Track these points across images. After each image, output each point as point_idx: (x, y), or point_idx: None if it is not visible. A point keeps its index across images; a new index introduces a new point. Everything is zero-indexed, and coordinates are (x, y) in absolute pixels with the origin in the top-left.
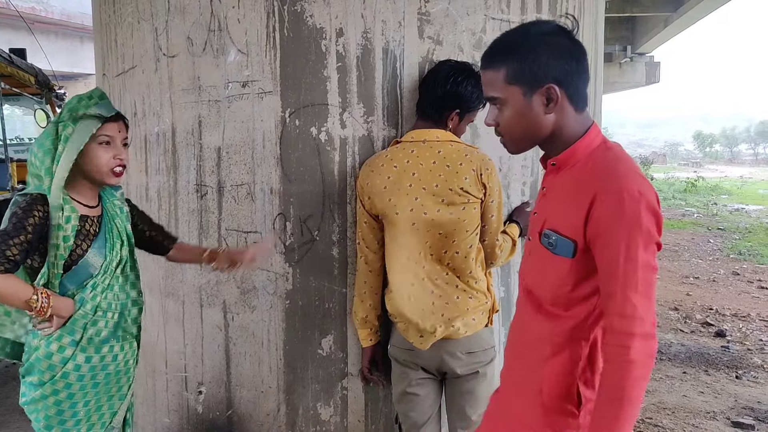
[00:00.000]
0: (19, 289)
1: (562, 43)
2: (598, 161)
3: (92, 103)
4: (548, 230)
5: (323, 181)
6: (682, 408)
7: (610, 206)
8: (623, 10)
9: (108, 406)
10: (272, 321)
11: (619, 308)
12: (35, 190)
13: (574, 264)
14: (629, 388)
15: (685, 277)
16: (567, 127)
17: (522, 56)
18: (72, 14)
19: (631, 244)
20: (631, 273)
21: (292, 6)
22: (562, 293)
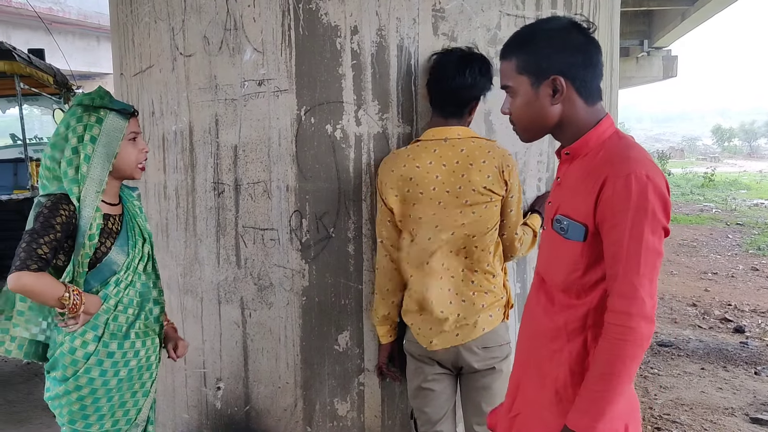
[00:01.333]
0: (51, 287)
1: (572, 38)
2: (610, 149)
3: (107, 101)
4: (560, 215)
5: (339, 179)
6: (700, 404)
7: (618, 189)
8: (640, 4)
9: (132, 402)
10: (289, 317)
11: (620, 288)
12: (58, 191)
13: (585, 248)
14: (620, 365)
15: (703, 272)
16: (576, 118)
17: (531, 48)
18: (89, 14)
19: (637, 227)
20: (634, 254)
21: (307, 4)
22: (574, 278)
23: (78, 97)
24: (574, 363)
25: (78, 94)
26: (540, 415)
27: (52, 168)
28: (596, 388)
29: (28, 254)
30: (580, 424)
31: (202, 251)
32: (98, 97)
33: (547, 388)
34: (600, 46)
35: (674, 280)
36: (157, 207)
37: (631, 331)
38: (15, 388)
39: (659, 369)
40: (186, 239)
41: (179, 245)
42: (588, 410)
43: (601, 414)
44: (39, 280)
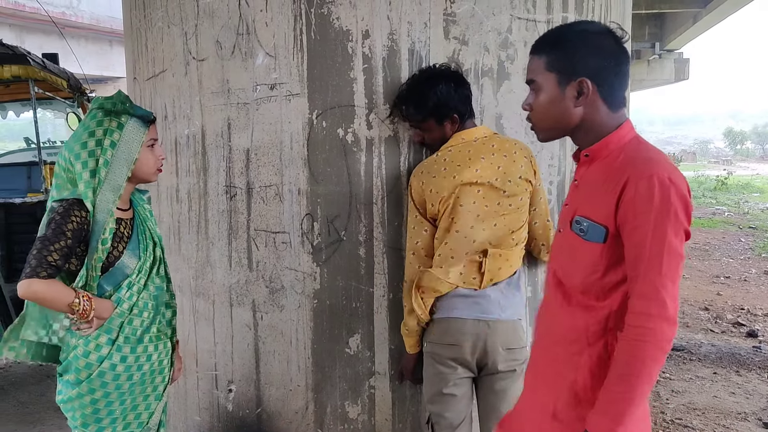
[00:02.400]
0: (61, 293)
1: (604, 43)
2: (630, 152)
3: (128, 107)
4: (579, 217)
5: (350, 182)
6: (712, 409)
7: (640, 191)
8: (651, 7)
9: (144, 405)
10: (300, 320)
11: (641, 289)
12: (71, 196)
13: (605, 249)
14: (640, 367)
15: (715, 276)
16: (597, 122)
17: (562, 47)
18: (101, 18)
19: (659, 228)
20: (656, 256)
21: (318, 9)
22: (593, 280)
23: (98, 101)
24: (594, 366)
25: (97, 98)
26: (552, 417)
27: (67, 170)
28: (616, 389)
29: (39, 261)
30: (600, 426)
31: (214, 254)
32: (119, 102)
33: (563, 390)
34: (629, 56)
35: (686, 284)
36: (170, 210)
37: (651, 332)
38: (27, 390)
39: (671, 373)
40: (198, 242)
41: (191, 248)
42: (607, 411)
43: (621, 416)
44: (49, 287)
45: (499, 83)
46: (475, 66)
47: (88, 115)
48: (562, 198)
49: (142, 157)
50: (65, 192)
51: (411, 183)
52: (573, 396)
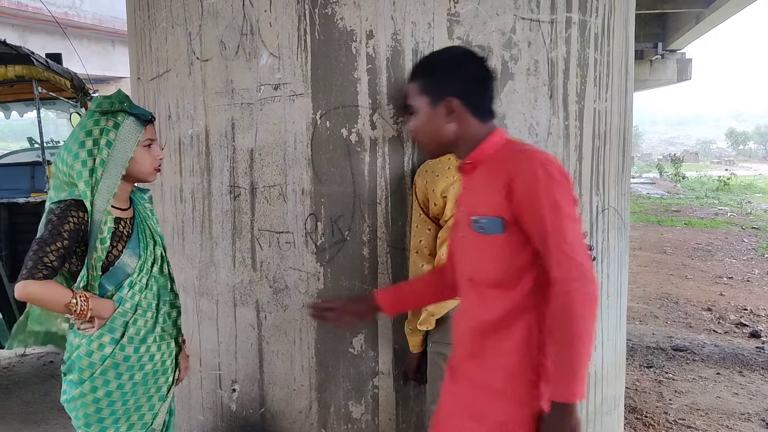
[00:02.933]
0: (58, 294)
1: (467, 65)
2: (506, 151)
3: (126, 106)
4: (476, 216)
5: (354, 182)
6: (715, 409)
7: (525, 176)
8: (654, 7)
9: (148, 406)
10: (304, 320)
11: (555, 259)
12: (69, 197)
13: (505, 238)
14: (575, 326)
15: (718, 277)
16: (470, 134)
17: (430, 72)
18: (104, 19)
19: (553, 202)
20: (559, 227)
21: (322, 9)
22: (503, 270)
23: (97, 100)
24: (521, 347)
25: (96, 97)
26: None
27: (64, 171)
28: (561, 355)
29: (35, 263)
30: (561, 394)
31: (217, 254)
32: (117, 101)
33: (497, 379)
34: (491, 73)
35: (689, 284)
36: (173, 210)
37: (576, 292)
38: (32, 389)
39: (674, 374)
40: (202, 242)
41: (195, 248)
42: (562, 379)
43: (574, 377)
44: (45, 288)
45: (503, 83)
46: None
47: (86, 115)
48: None
49: (137, 156)
50: (62, 193)
51: (415, 182)
52: (508, 378)
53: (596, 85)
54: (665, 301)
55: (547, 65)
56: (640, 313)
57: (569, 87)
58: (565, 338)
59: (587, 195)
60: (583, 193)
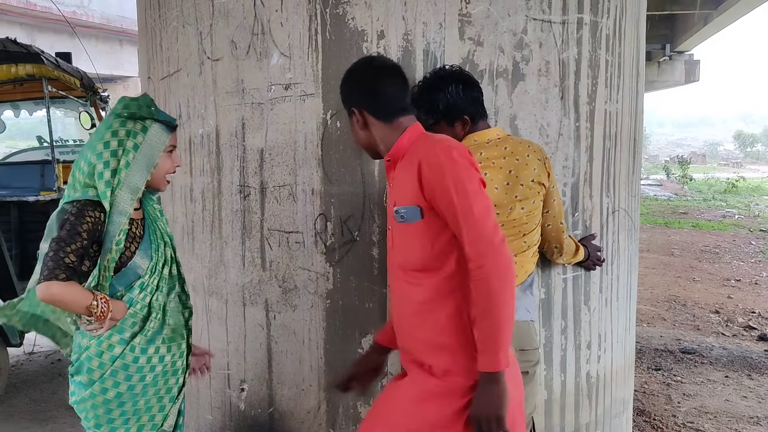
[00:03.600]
0: (79, 295)
1: (359, 75)
2: (417, 142)
3: (153, 111)
4: (397, 207)
5: (363, 182)
6: (724, 413)
7: (431, 162)
8: (662, 8)
9: (158, 407)
10: (313, 320)
11: (467, 237)
12: (82, 197)
13: (424, 224)
14: (494, 299)
15: (726, 279)
16: (383, 136)
17: (341, 89)
18: (112, 18)
19: (458, 184)
20: (467, 206)
21: (334, 9)
22: (427, 254)
23: (124, 101)
24: (454, 324)
25: (123, 98)
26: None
27: (83, 171)
28: (484, 326)
29: (56, 263)
30: (486, 364)
31: (227, 253)
32: (145, 105)
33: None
34: (388, 73)
35: (697, 287)
36: (183, 209)
37: (487, 266)
38: (39, 388)
39: (682, 376)
40: (212, 241)
41: (205, 247)
42: (486, 349)
43: (497, 346)
44: (67, 290)
45: (514, 84)
46: (489, 67)
47: (112, 115)
48: (577, 199)
49: (160, 162)
50: (77, 193)
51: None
52: (438, 350)
53: (607, 86)
54: (673, 303)
55: (558, 66)
56: (647, 315)
57: (580, 88)
58: (485, 311)
59: (597, 196)
60: (593, 195)
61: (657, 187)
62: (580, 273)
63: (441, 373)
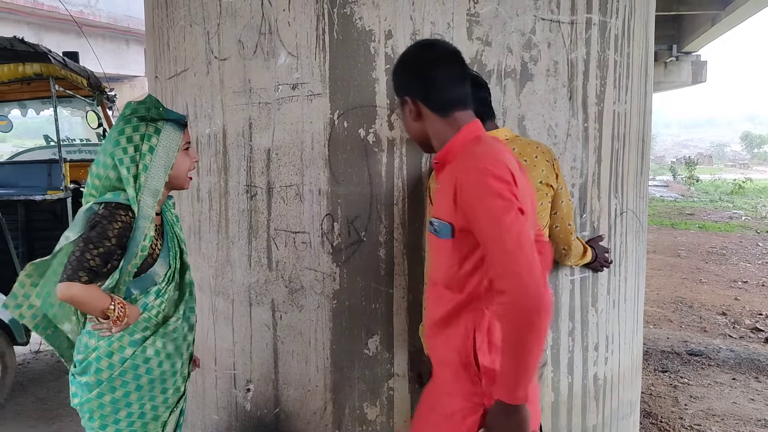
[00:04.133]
0: (98, 299)
1: (415, 61)
2: (463, 153)
3: (162, 111)
4: (433, 218)
5: (371, 183)
6: (731, 415)
7: (465, 186)
8: (669, 9)
9: (164, 408)
10: (319, 320)
11: (496, 271)
12: (114, 199)
13: (455, 244)
14: (516, 338)
15: (732, 281)
16: (436, 131)
17: (394, 76)
18: (118, 17)
19: (490, 212)
20: (497, 237)
21: (341, 9)
22: (452, 273)
23: (131, 106)
24: (460, 346)
25: (129, 103)
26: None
27: (100, 176)
28: (505, 361)
29: (80, 265)
30: (502, 393)
31: (234, 253)
32: (153, 107)
33: (446, 372)
34: (447, 60)
35: (703, 288)
36: (190, 209)
37: (511, 306)
38: (46, 386)
39: (689, 379)
40: (218, 241)
41: (211, 247)
42: (504, 382)
43: (515, 382)
44: (88, 292)
45: (522, 84)
46: (498, 67)
47: (123, 120)
48: (585, 200)
49: (178, 161)
50: (108, 194)
51: (429, 184)
52: (452, 375)
53: (616, 86)
54: (679, 304)
55: (566, 66)
56: (654, 316)
57: (589, 88)
58: (508, 346)
59: (606, 198)
60: (601, 196)
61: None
62: (587, 274)
63: (447, 390)
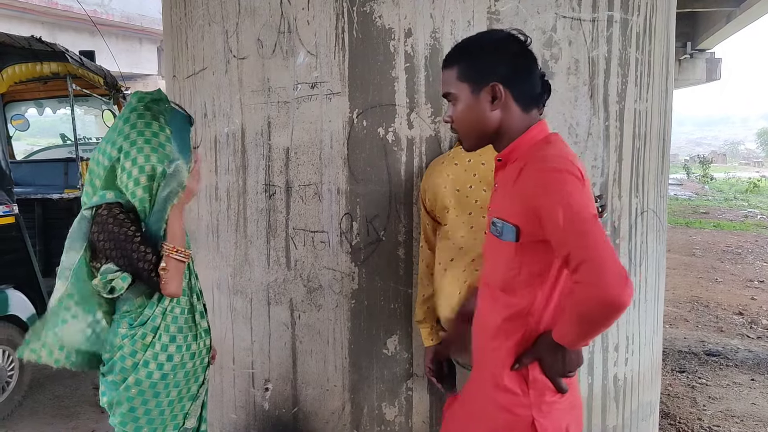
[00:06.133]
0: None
1: (510, 49)
2: (533, 153)
3: (168, 107)
4: (495, 218)
5: (390, 182)
6: (751, 416)
7: (539, 185)
8: (684, 6)
9: (180, 407)
10: (338, 320)
11: (576, 262)
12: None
13: (518, 248)
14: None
15: (749, 280)
16: (512, 124)
17: (471, 57)
18: (131, 16)
19: (571, 208)
20: (579, 232)
21: (361, 7)
22: (511, 277)
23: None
24: (506, 359)
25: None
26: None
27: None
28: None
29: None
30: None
31: (252, 252)
32: (162, 99)
33: (487, 380)
34: (535, 58)
35: (719, 288)
36: (208, 208)
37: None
38: (62, 384)
39: (707, 379)
40: (236, 240)
41: (229, 246)
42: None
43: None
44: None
45: None
46: None
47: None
48: (606, 199)
49: None
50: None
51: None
52: (494, 386)
53: (637, 84)
54: (695, 304)
55: (587, 64)
56: (670, 316)
57: (610, 87)
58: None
59: (627, 197)
60: (622, 195)
61: (677, 187)
62: None
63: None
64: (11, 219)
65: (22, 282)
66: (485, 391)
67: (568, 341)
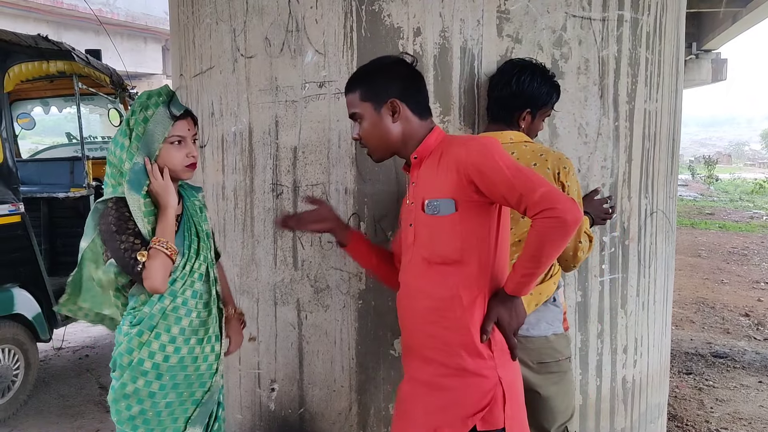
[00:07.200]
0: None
1: (399, 69)
2: (450, 142)
3: (161, 101)
4: (429, 200)
5: (398, 182)
6: (759, 419)
7: (474, 151)
8: (689, 6)
9: (181, 410)
10: (345, 320)
11: (533, 201)
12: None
13: (458, 217)
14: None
15: (755, 282)
16: (413, 132)
17: (369, 79)
18: (136, 15)
19: (507, 163)
20: (524, 179)
21: (369, 6)
22: (457, 246)
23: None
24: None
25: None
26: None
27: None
28: (525, 264)
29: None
30: (513, 289)
31: (259, 252)
32: (155, 95)
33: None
34: (422, 76)
35: (725, 289)
36: (215, 207)
37: (558, 219)
38: (68, 383)
39: (714, 381)
40: (243, 240)
41: (236, 246)
42: (518, 281)
43: (527, 283)
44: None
45: None
46: None
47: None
48: (615, 200)
49: (164, 153)
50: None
51: None
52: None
53: (647, 84)
54: (701, 305)
55: (597, 64)
56: (676, 317)
57: (620, 87)
58: (535, 255)
59: (636, 197)
60: (632, 196)
61: (683, 187)
62: (617, 276)
63: (455, 371)
64: (17, 218)
65: (28, 281)
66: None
67: (522, 282)
